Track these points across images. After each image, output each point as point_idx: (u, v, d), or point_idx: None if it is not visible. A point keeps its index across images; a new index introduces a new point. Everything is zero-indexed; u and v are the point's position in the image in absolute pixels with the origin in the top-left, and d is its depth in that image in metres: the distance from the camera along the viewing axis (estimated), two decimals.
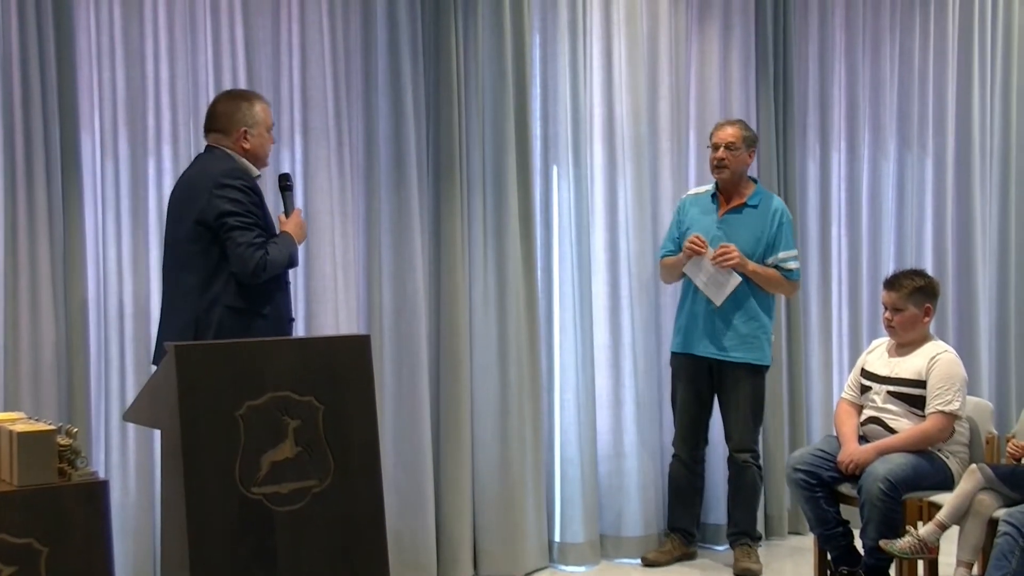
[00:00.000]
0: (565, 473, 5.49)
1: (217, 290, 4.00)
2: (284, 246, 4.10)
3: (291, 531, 3.25)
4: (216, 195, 3.98)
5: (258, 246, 3.97)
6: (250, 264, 3.96)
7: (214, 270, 4.00)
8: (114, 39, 4.64)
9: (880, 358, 4.96)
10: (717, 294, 5.17)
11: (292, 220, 4.25)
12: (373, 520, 3.40)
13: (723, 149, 5.24)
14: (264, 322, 4.02)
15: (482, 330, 5.26)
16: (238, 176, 4.03)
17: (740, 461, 5.30)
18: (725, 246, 5.14)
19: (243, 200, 3.99)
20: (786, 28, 5.90)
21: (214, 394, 3.19)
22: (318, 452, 3.32)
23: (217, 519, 3.16)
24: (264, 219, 4.08)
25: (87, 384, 4.56)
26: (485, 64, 5.26)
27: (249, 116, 4.16)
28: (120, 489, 4.61)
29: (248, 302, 4.02)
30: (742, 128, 5.29)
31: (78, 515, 3.10)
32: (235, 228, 3.96)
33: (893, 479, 4.55)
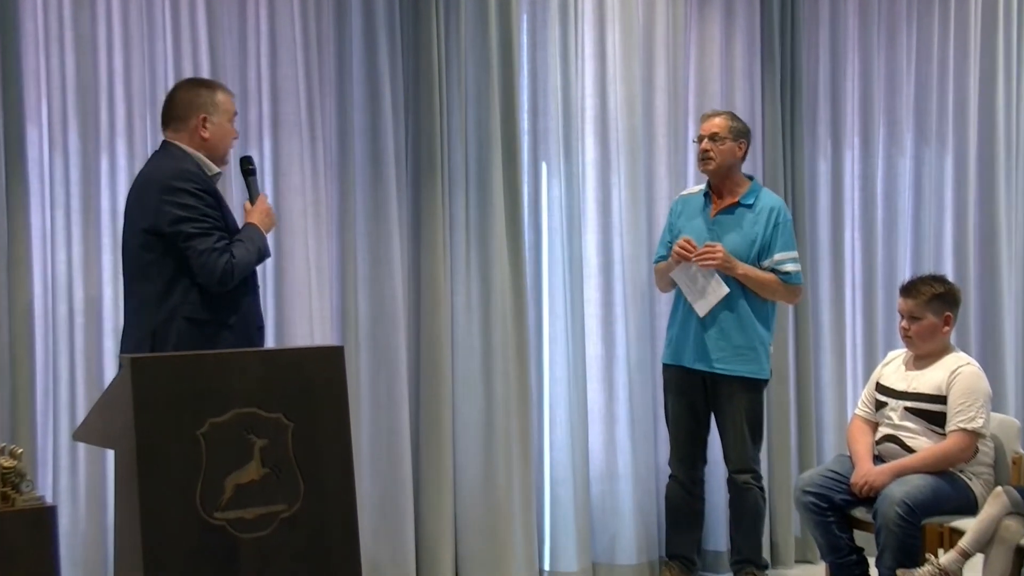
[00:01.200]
0: (555, 495, 5.50)
1: (176, 301, 3.97)
2: (251, 242, 4.08)
3: (257, 560, 3.23)
4: (166, 201, 3.94)
5: (221, 250, 3.96)
6: (216, 271, 3.94)
7: (171, 279, 3.98)
8: (63, 23, 4.64)
9: (897, 371, 4.96)
10: (701, 303, 5.13)
11: (257, 208, 4.23)
12: (347, 548, 3.38)
13: (707, 140, 5.22)
14: (229, 333, 4.00)
15: (465, 340, 5.27)
16: (188, 178, 3.98)
17: (740, 483, 5.28)
18: (709, 245, 5.10)
19: (196, 204, 3.95)
20: (794, 14, 5.90)
21: (173, 411, 3.17)
22: (287, 474, 3.29)
23: (176, 547, 3.14)
24: (224, 219, 4.06)
25: (33, 400, 4.56)
26: (468, 52, 5.27)
27: (209, 103, 4.14)
28: (69, 515, 4.60)
29: (211, 312, 3.99)
30: (729, 118, 5.26)
31: (23, 544, 3.12)
32: (193, 236, 3.93)
33: (911, 503, 4.54)
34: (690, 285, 5.12)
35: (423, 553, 5.17)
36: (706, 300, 5.10)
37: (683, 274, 5.13)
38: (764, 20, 5.85)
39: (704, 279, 5.10)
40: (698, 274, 5.10)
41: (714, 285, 5.09)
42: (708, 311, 5.12)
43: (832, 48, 6.09)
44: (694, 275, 5.10)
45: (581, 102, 5.56)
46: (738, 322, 5.16)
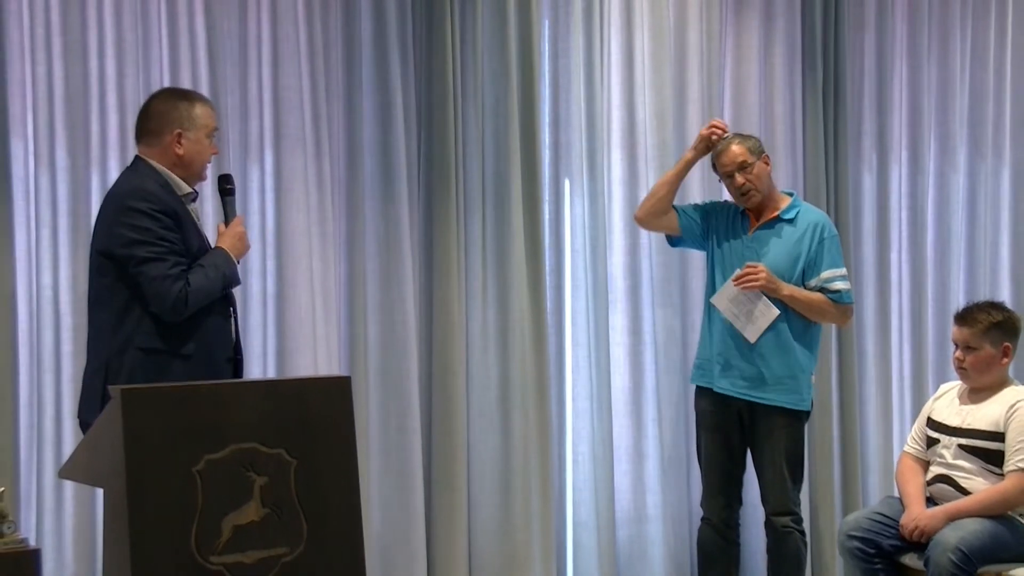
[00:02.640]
0: (578, 539, 5.51)
1: (129, 329, 3.93)
2: (214, 268, 4.02)
3: None
4: (119, 222, 3.92)
5: (175, 277, 3.91)
6: (168, 299, 3.89)
7: (125, 307, 3.94)
8: (51, 28, 4.68)
9: (950, 405, 4.94)
10: (750, 328, 5.10)
11: (229, 231, 4.18)
12: None
13: (739, 174, 5.17)
14: (184, 364, 3.95)
15: (481, 370, 5.29)
16: (144, 197, 3.94)
17: (779, 526, 5.25)
18: (751, 265, 5.08)
19: (150, 227, 3.91)
20: (837, 19, 5.92)
21: (167, 446, 3.17)
22: (289, 514, 3.29)
23: None
24: (184, 243, 4.00)
25: (16, 435, 4.58)
26: (485, 58, 5.30)
27: (186, 117, 4.09)
28: (54, 559, 4.60)
29: (165, 342, 3.95)
30: (741, 140, 5.17)
31: None
32: (146, 260, 3.89)
33: (967, 549, 4.52)
34: (735, 310, 5.09)
35: None
36: (756, 325, 5.06)
37: (726, 299, 5.10)
38: (805, 24, 5.87)
39: (750, 302, 5.07)
40: (742, 297, 5.08)
41: (762, 307, 5.06)
42: (759, 336, 5.10)
43: (879, 54, 6.10)
44: (738, 299, 5.08)
45: (607, 114, 5.58)
46: (779, 347, 5.11)
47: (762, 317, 5.06)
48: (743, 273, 5.06)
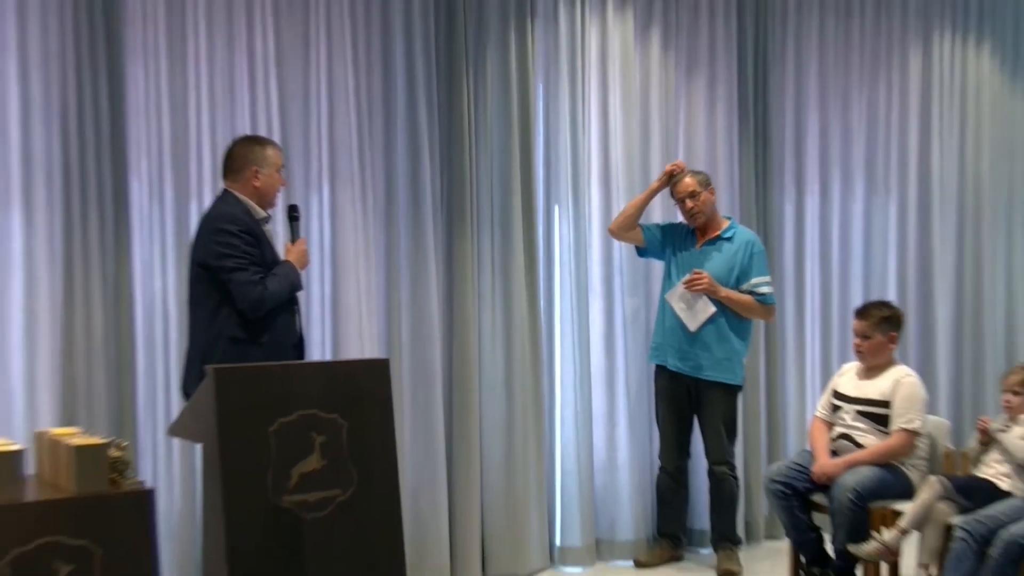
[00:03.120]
0: (564, 484, 5.48)
1: (220, 323, 3.96)
2: (284, 276, 4.04)
3: (318, 535, 3.25)
4: (214, 240, 3.95)
5: (255, 283, 3.94)
6: (250, 299, 3.93)
7: (217, 307, 3.97)
8: (160, 93, 4.66)
9: (850, 380, 4.96)
10: (692, 320, 5.16)
11: (295, 249, 4.20)
12: (391, 525, 3.40)
13: (689, 200, 5.23)
14: (261, 350, 3.96)
15: (490, 355, 5.26)
16: (232, 220, 3.98)
17: (718, 473, 5.29)
18: (697, 272, 5.14)
19: (237, 244, 3.95)
20: (765, 83, 5.92)
21: (249, 412, 3.20)
22: (342, 465, 3.31)
23: (252, 525, 3.16)
24: (262, 256, 4.02)
25: (135, 402, 4.58)
26: (494, 114, 5.27)
27: (260, 157, 4.12)
28: (165, 498, 4.61)
29: (247, 332, 3.97)
30: (692, 174, 5.26)
31: (128, 521, 3.10)
32: (234, 270, 3.92)
33: (861, 489, 4.55)
34: (683, 306, 5.15)
35: (455, 531, 5.15)
36: (696, 319, 5.14)
37: (676, 297, 5.17)
38: (741, 88, 5.85)
39: (695, 300, 5.14)
40: (688, 296, 5.13)
41: (702, 305, 5.12)
42: (698, 327, 5.16)
43: (796, 111, 6.09)
44: (685, 296, 5.14)
45: (587, 156, 5.54)
46: (719, 336, 5.18)
47: (702, 312, 5.12)
48: (691, 278, 5.11)
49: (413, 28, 5.08)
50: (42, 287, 4.43)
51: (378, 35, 5.07)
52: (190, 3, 4.71)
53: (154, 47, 4.65)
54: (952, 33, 6.45)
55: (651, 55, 5.68)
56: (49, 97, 4.43)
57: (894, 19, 6.31)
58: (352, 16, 5.00)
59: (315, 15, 4.95)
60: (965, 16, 6.47)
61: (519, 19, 5.29)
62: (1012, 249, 6.58)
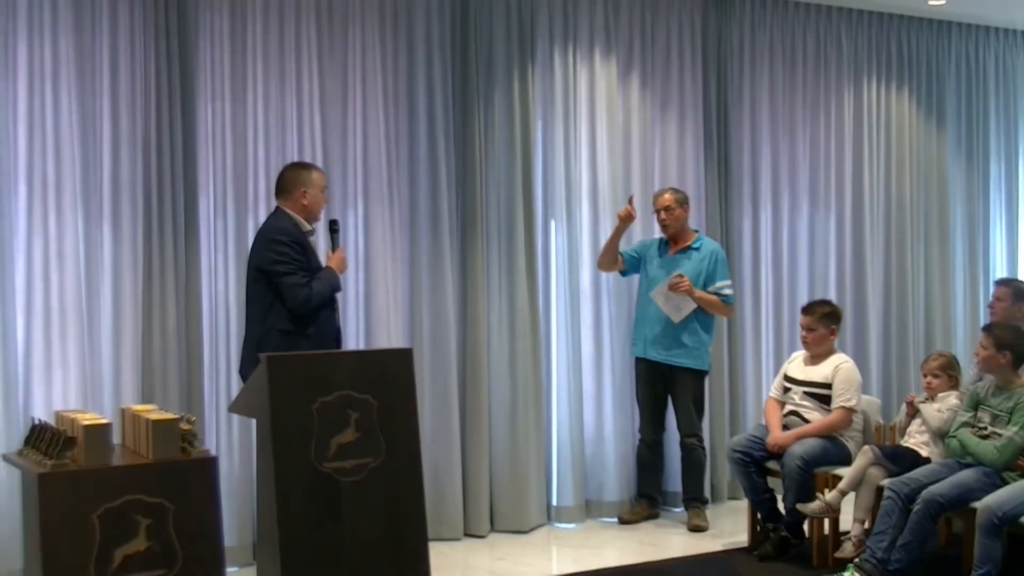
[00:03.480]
0: (559, 453, 5.45)
1: (273, 318, 3.95)
2: (326, 280, 4.03)
3: (354, 496, 3.25)
4: (269, 249, 3.95)
5: (303, 285, 3.93)
6: (299, 298, 3.92)
7: (271, 304, 3.96)
8: (225, 127, 4.68)
9: (798, 366, 4.94)
10: (676, 314, 5.16)
11: (336, 256, 4.19)
12: (414, 488, 3.40)
13: (663, 212, 5.24)
14: (307, 341, 3.94)
15: (497, 345, 5.23)
16: (284, 232, 3.97)
17: (688, 444, 5.28)
18: (679, 275, 5.13)
19: (288, 252, 3.94)
20: (727, 118, 5.88)
21: (296, 393, 3.20)
22: (373, 437, 3.32)
23: (298, 487, 3.17)
24: (308, 263, 4.01)
25: (202, 384, 4.58)
26: (500, 144, 5.25)
27: (307, 180, 4.11)
28: (227, 464, 4.61)
29: (295, 325, 3.96)
30: (673, 192, 5.27)
31: (196, 483, 3.11)
32: (285, 274, 3.92)
33: (807, 457, 4.56)
34: (667, 303, 5.16)
35: (468, 493, 5.13)
36: (681, 312, 5.14)
37: (661, 296, 5.17)
38: (706, 122, 5.81)
39: (677, 298, 5.14)
40: (671, 294, 5.13)
41: (685, 302, 5.13)
42: (682, 319, 5.14)
43: (752, 141, 6.04)
44: (669, 295, 5.14)
45: (579, 178, 5.51)
46: (688, 328, 5.18)
47: (686, 307, 5.13)
48: (675, 281, 5.09)
49: (433, 73, 5.09)
50: (126, 288, 4.45)
51: (404, 79, 5.08)
52: (250, 53, 4.72)
53: (221, 89, 4.68)
54: (878, 80, 6.42)
55: (631, 94, 5.67)
56: (134, 131, 4.47)
57: (831, 68, 6.28)
58: (383, 63, 5.02)
59: (352, 63, 4.96)
60: (888, 66, 6.44)
61: (521, 65, 5.28)
62: (929, 257, 6.58)
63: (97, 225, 4.41)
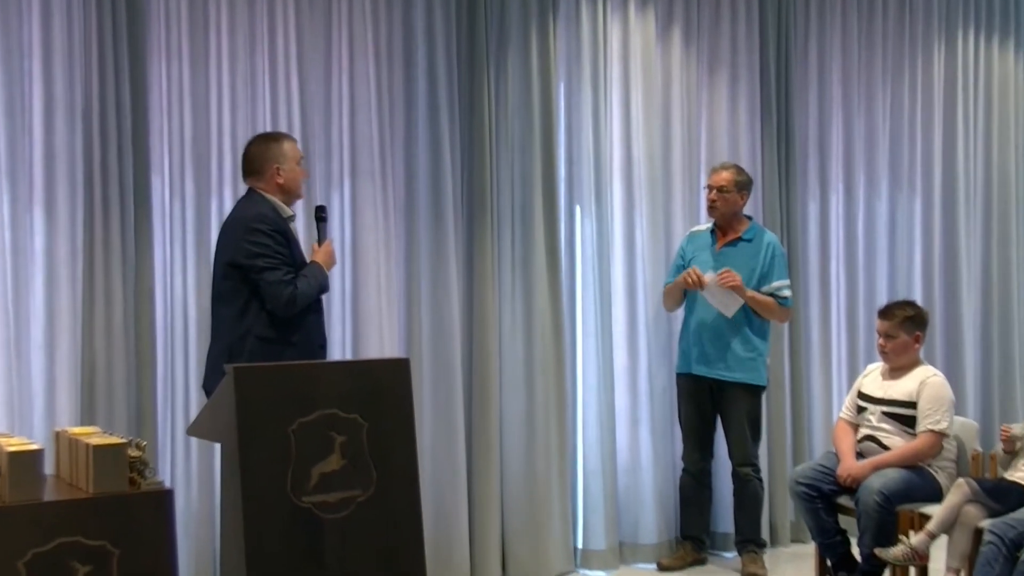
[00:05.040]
0: (587, 485, 5.46)
1: (249, 322, 3.97)
2: (313, 277, 4.06)
3: (338, 536, 3.25)
4: (245, 240, 3.96)
5: (287, 282, 3.95)
6: (282, 299, 3.94)
7: (245, 305, 3.98)
8: (183, 91, 4.69)
9: (875, 381, 4.92)
10: (727, 310, 5.15)
11: (323, 250, 4.22)
12: (412, 527, 3.40)
13: (715, 192, 5.23)
14: (292, 350, 3.97)
15: (511, 353, 5.24)
16: (263, 220, 3.99)
17: (742, 475, 5.26)
18: (726, 270, 5.11)
19: (269, 243, 3.96)
20: (788, 81, 5.89)
21: (269, 411, 3.21)
22: (362, 465, 3.32)
23: (271, 525, 3.17)
24: (292, 256, 4.04)
25: (155, 401, 4.58)
26: (515, 112, 5.26)
27: (278, 153, 4.13)
28: (184, 497, 4.61)
29: (278, 332, 3.98)
30: (735, 172, 5.26)
31: (146, 521, 3.11)
32: (265, 269, 3.94)
33: (887, 492, 4.52)
34: (718, 299, 5.14)
35: (475, 532, 5.14)
36: (729, 308, 5.13)
37: (711, 292, 5.15)
38: (763, 85, 5.82)
39: (727, 295, 5.12)
40: (718, 290, 5.12)
41: (735, 297, 5.12)
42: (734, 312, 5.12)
43: (820, 108, 6.05)
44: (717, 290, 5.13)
45: (609, 153, 5.53)
46: (740, 337, 5.17)
47: (734, 304, 5.12)
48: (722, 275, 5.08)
49: (434, 26, 5.08)
50: (63, 285, 4.44)
51: (399, 33, 5.08)
52: (212, 1, 4.73)
53: (176, 45, 4.68)
54: (976, 31, 6.43)
55: (672, 53, 5.68)
56: (72, 95, 4.46)
57: (918, 18, 6.29)
58: (374, 14, 5.01)
59: (337, 13, 4.96)
60: (989, 14, 6.45)
61: (541, 17, 5.28)
62: None
63: (26, 208, 4.41)
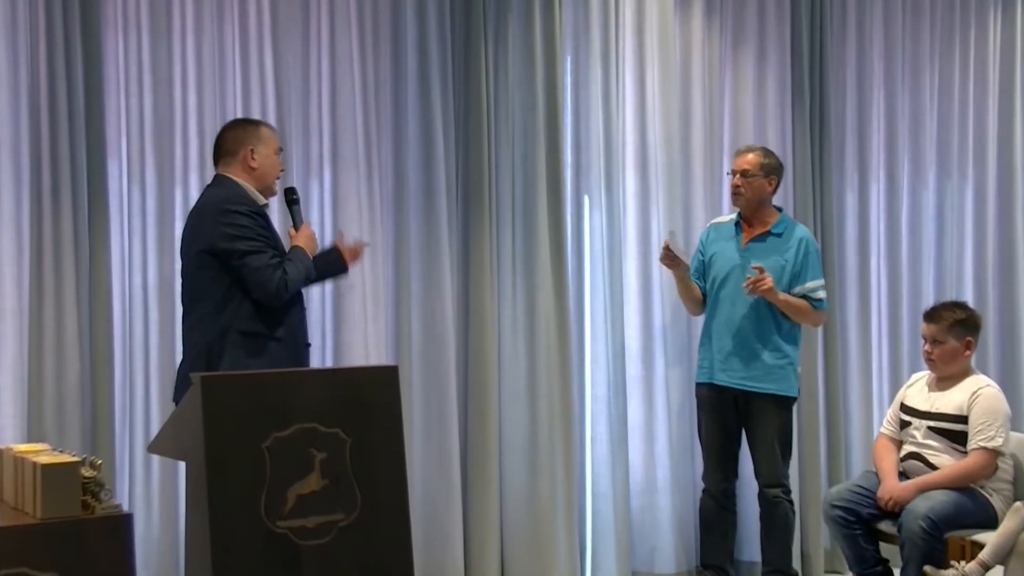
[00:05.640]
0: (597, 508, 5.47)
1: (229, 316, 3.98)
2: (299, 261, 4.09)
3: (318, 566, 3.23)
4: (221, 222, 3.97)
5: (275, 267, 3.97)
6: (271, 286, 3.95)
7: (225, 297, 3.99)
8: (142, 66, 4.70)
9: (920, 392, 4.92)
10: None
11: (303, 233, 4.23)
12: (400, 555, 3.39)
13: (739, 176, 5.21)
14: (278, 346, 4.01)
15: (511, 360, 5.26)
16: (241, 201, 4.02)
17: (771, 496, 5.24)
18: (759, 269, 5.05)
19: (249, 224, 3.98)
20: (823, 56, 5.88)
21: (240, 425, 3.18)
22: (345, 486, 3.30)
23: (242, 553, 3.15)
24: (274, 240, 4.08)
25: (111, 415, 4.59)
26: (515, 91, 5.28)
27: (255, 136, 4.16)
28: (144, 522, 4.62)
29: (263, 325, 4.00)
30: (761, 155, 5.23)
31: (101, 549, 3.09)
32: (248, 253, 3.95)
33: (935, 517, 4.51)
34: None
35: (471, 560, 5.15)
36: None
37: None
38: (795, 61, 5.82)
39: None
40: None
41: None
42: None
43: (859, 87, 6.04)
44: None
45: (622, 138, 5.53)
46: (768, 342, 5.14)
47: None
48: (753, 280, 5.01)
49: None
50: (6, 283, 4.46)
51: (387, 3, 5.10)
52: None
53: (135, 14, 4.70)
54: None
55: (693, 24, 5.68)
56: (16, 71, 4.48)
57: None
58: None
59: None
60: None
61: None
62: None
63: None
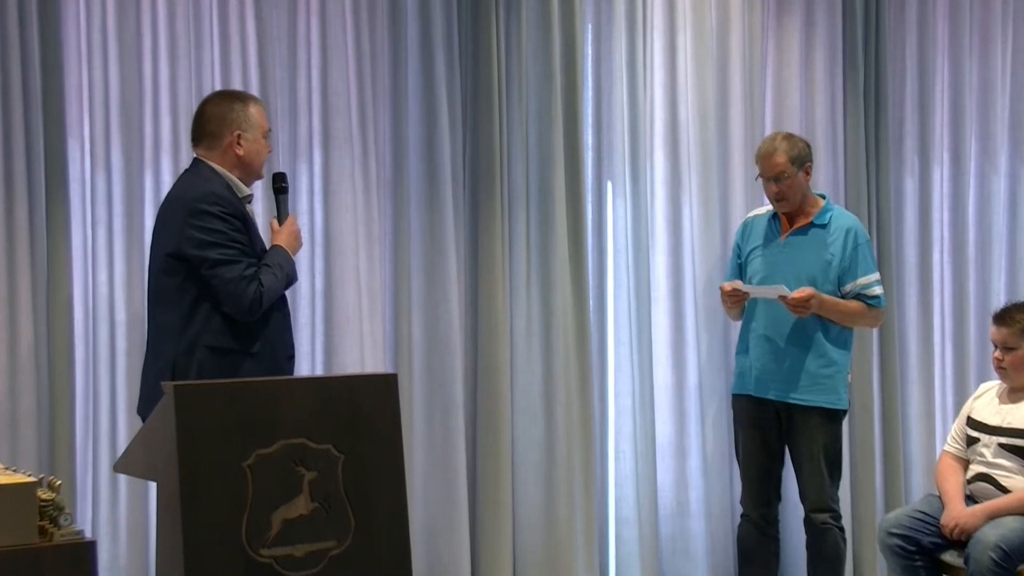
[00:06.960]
0: (620, 534, 5.50)
1: (197, 329, 3.96)
2: (278, 267, 4.07)
3: None
4: (191, 225, 3.94)
5: (250, 278, 3.95)
6: (244, 301, 3.93)
7: (192, 306, 3.97)
8: (107, 34, 4.71)
9: (989, 405, 4.90)
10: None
11: (285, 229, 4.22)
12: None
13: (773, 183, 5.17)
14: (253, 362, 3.99)
15: (525, 367, 5.28)
16: (215, 201, 3.97)
17: (818, 523, 5.23)
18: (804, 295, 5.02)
19: (223, 229, 3.95)
20: (878, 23, 5.89)
21: (218, 441, 3.18)
22: (337, 509, 3.30)
23: None
24: (252, 245, 4.05)
25: (72, 430, 4.60)
26: (530, 63, 5.30)
27: (243, 118, 4.13)
28: (109, 550, 4.64)
29: (235, 340, 3.99)
30: (786, 149, 5.16)
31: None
32: (220, 263, 3.92)
33: (1007, 547, 4.49)
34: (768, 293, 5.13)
35: None
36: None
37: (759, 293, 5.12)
38: (846, 27, 5.83)
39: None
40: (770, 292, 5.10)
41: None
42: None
43: (920, 56, 6.05)
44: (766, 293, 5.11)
45: (650, 115, 5.56)
46: (814, 348, 5.12)
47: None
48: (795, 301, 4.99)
49: None
50: None
51: None
52: None
53: None
54: None
55: None
56: None
57: None
58: None
59: None
60: None
61: None
62: None
63: None
